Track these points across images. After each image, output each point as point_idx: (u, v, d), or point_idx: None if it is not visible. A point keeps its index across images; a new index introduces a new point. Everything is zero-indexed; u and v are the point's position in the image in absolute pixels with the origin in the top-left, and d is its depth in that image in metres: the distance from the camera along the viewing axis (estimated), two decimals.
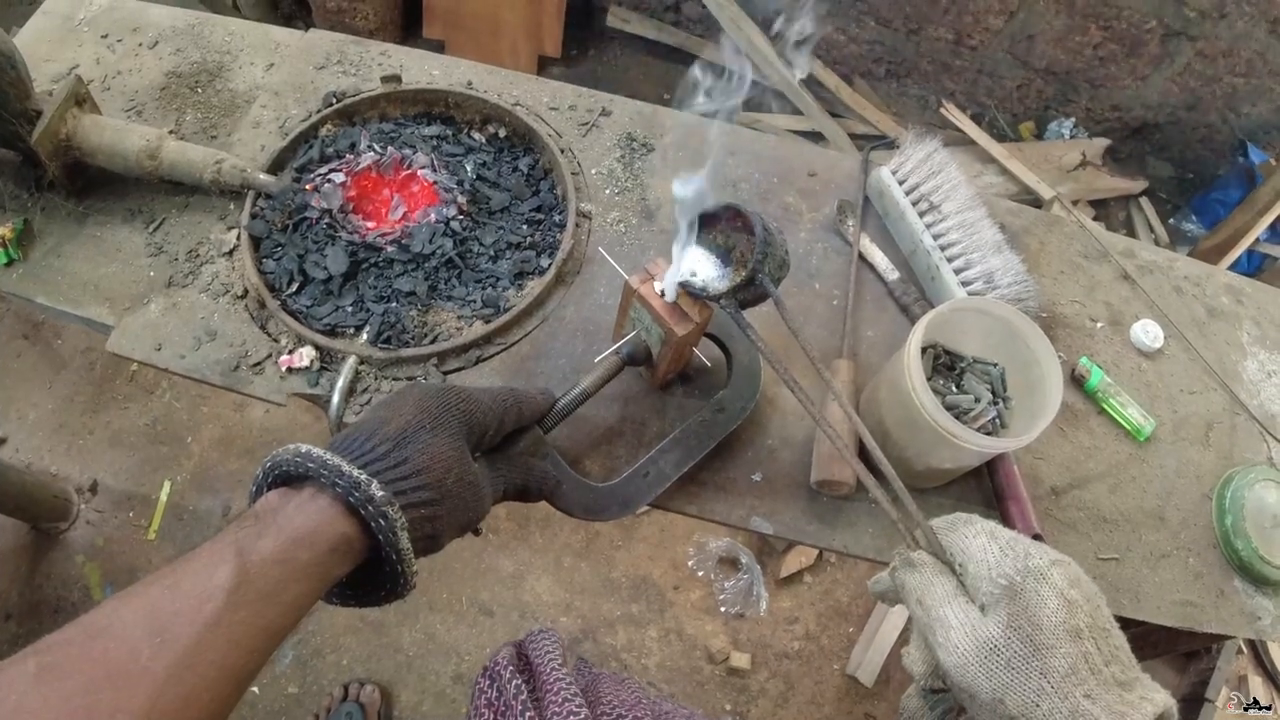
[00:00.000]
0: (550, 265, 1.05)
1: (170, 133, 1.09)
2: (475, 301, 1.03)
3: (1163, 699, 0.51)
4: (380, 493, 0.59)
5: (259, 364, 1.00)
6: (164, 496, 1.94)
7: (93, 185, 1.11)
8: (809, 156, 1.21)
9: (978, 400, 0.91)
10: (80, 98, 1.06)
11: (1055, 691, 0.51)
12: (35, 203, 1.10)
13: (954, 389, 0.93)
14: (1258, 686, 2.06)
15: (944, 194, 1.11)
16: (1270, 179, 2.13)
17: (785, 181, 1.18)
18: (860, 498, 0.96)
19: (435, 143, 1.15)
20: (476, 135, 1.18)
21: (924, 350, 0.94)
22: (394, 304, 1.01)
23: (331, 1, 2.36)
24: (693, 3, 2.50)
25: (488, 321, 1.01)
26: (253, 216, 1.07)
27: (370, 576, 0.63)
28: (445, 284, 1.04)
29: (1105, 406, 1.07)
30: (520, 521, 1.98)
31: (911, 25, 2.43)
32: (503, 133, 1.19)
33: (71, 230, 1.09)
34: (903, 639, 1.85)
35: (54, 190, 1.10)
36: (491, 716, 0.86)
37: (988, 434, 0.89)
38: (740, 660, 1.85)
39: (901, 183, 1.13)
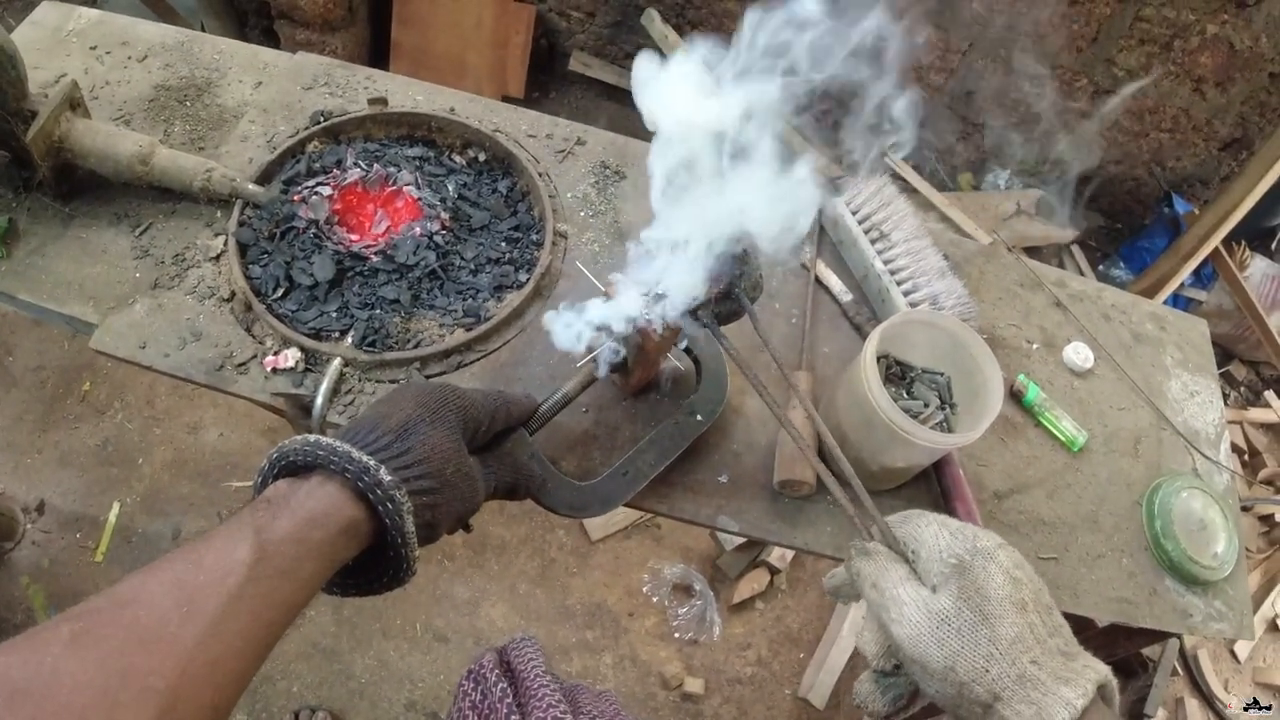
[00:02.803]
0: (529, 279, 1.12)
1: (159, 142, 1.14)
2: (456, 311, 1.09)
3: (1103, 669, 0.55)
4: (389, 477, 0.62)
5: (244, 364, 1.04)
6: (113, 518, 1.92)
7: (80, 188, 1.14)
8: (777, 190, 1.31)
9: (926, 405, 1.00)
10: (75, 101, 1.10)
11: (1003, 657, 0.55)
12: (21, 203, 1.13)
13: (905, 395, 1.02)
14: (1195, 710, 2.17)
15: (893, 224, 1.21)
16: (1194, 228, 2.32)
17: (747, 212, 1.27)
18: (819, 499, 1.03)
19: (418, 163, 1.22)
20: (457, 158, 1.25)
21: (877, 360, 1.03)
22: (378, 310, 1.07)
23: (300, 34, 2.43)
24: (654, 51, 2.62)
25: (469, 329, 1.07)
26: (240, 224, 1.12)
27: (370, 565, 0.66)
28: (428, 294, 1.10)
29: (1041, 419, 1.17)
30: (476, 549, 2.01)
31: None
32: (482, 156, 1.26)
33: (56, 231, 1.12)
34: (854, 663, 1.92)
35: (41, 191, 1.13)
36: (475, 718, 0.89)
37: None
38: (694, 686, 1.89)
39: (854, 213, 1.23)
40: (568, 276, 1.15)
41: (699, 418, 0.99)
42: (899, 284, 1.17)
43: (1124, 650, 1.29)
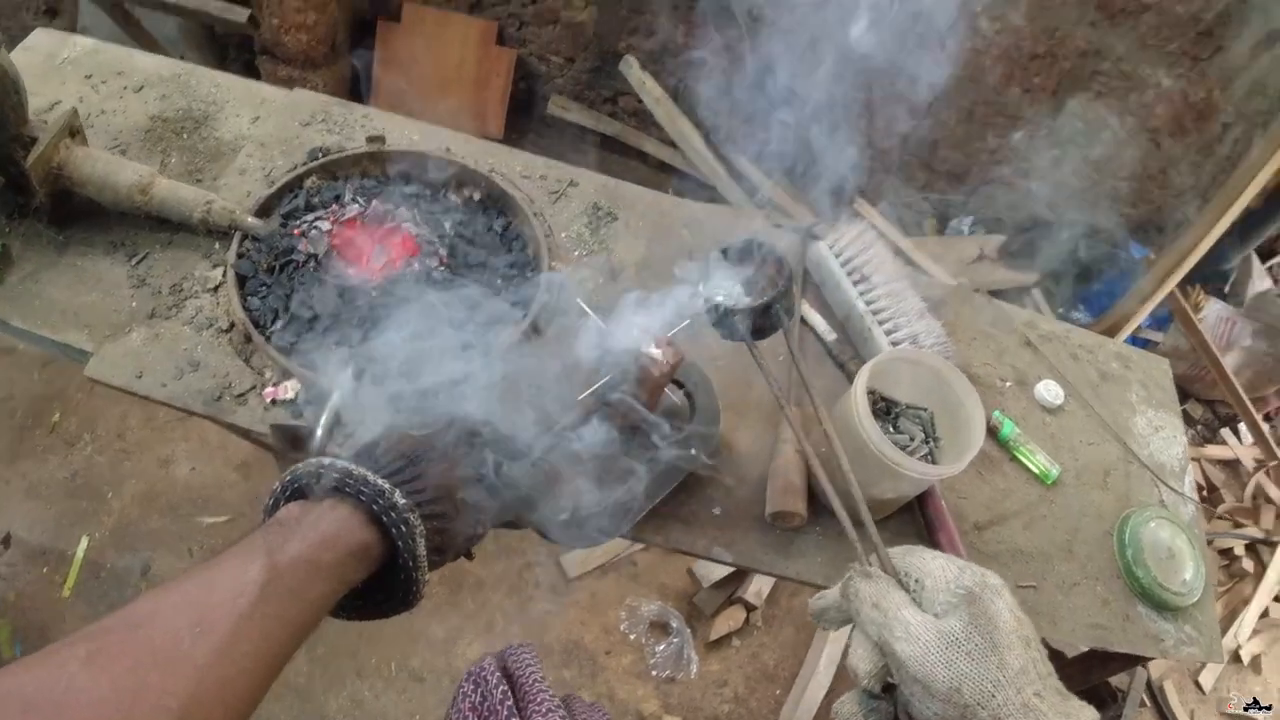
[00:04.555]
0: (525, 315, 1.15)
1: (158, 172, 1.16)
2: (456, 350, 1.11)
3: (1095, 713, 0.56)
4: (403, 500, 0.64)
5: (243, 395, 1.06)
6: (80, 553, 1.88)
7: (76, 216, 1.15)
8: (754, 230, 1.36)
9: (912, 439, 1.04)
10: (74, 129, 1.12)
11: (1010, 685, 0.55)
12: (14, 229, 1.14)
13: (891, 429, 1.06)
14: None
15: (873, 266, 1.27)
16: (1151, 272, 2.42)
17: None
18: (810, 530, 1.07)
19: (414, 201, 1.25)
20: (453, 196, 1.29)
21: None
22: (378, 341, 1.09)
23: (282, 70, 2.46)
24: (630, 96, 2.70)
25: (473, 365, 1.10)
26: (239, 256, 1.14)
27: (377, 588, 0.67)
28: (428, 329, 1.12)
29: (1016, 454, 1.22)
30: (452, 587, 2.00)
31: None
32: (477, 195, 1.30)
33: (51, 258, 1.13)
34: (830, 698, 1.94)
35: (35, 217, 1.14)
36: (475, 719, 0.90)
37: None
38: None
39: (837, 256, 1.29)
40: (563, 313, 1.18)
41: (694, 452, 1.02)
42: (881, 324, 1.22)
43: (1097, 677, 1.34)
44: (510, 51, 2.66)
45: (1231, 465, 2.81)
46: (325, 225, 1.18)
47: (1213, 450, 2.80)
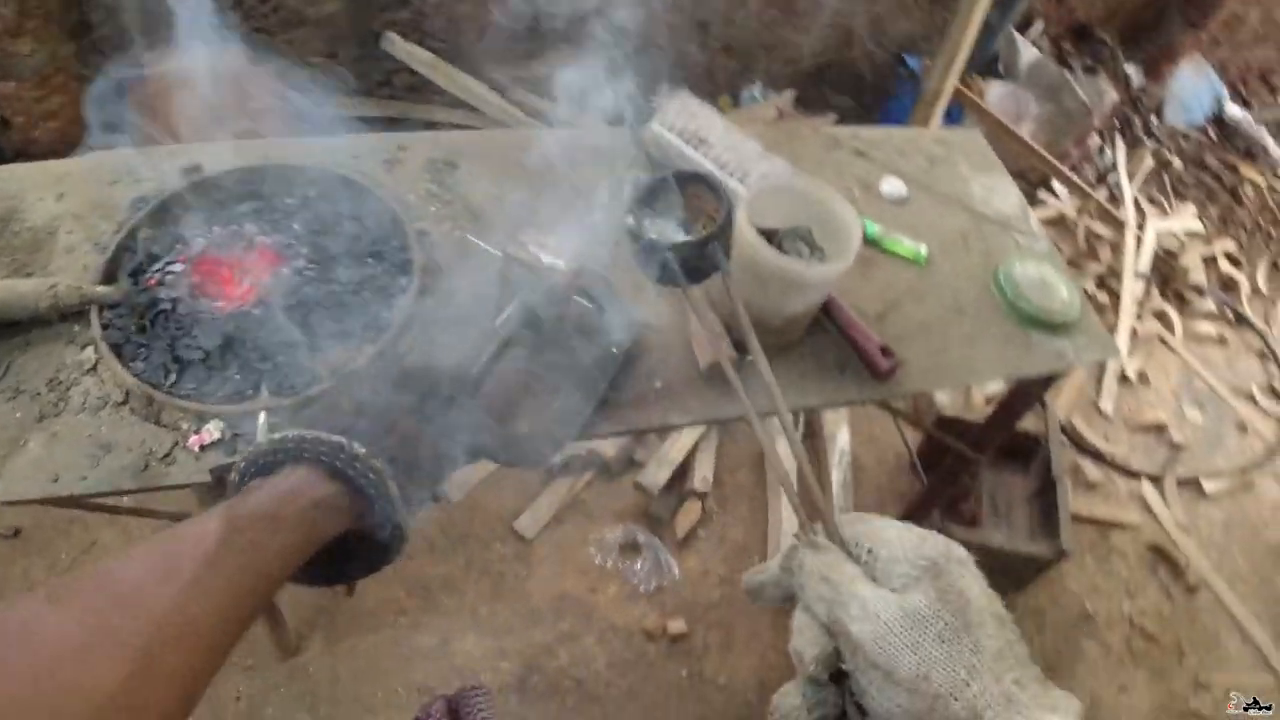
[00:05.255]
0: (411, 278, 1.19)
1: None
2: (355, 332, 1.15)
3: (1079, 704, 0.51)
4: (361, 449, 0.66)
5: (168, 455, 1.06)
6: None
7: None
8: (588, 139, 1.44)
9: (800, 255, 1.16)
10: None
11: (987, 671, 0.49)
12: None
13: (780, 252, 1.18)
14: (1089, 467, 2.53)
15: (707, 129, 1.38)
16: (932, 77, 2.66)
17: (580, 159, 1.39)
18: (745, 370, 1.17)
19: (256, 215, 1.25)
20: (290, 200, 1.30)
21: None
22: (280, 357, 1.11)
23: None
24: (404, 73, 2.69)
25: (374, 342, 1.13)
26: (105, 327, 1.12)
27: (361, 552, 0.70)
28: (320, 325, 1.15)
29: (886, 247, 1.37)
30: (423, 596, 2.03)
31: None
32: (313, 192, 1.31)
33: None
34: None
35: None
36: None
37: None
38: (677, 626, 2.01)
39: (672, 130, 1.38)
40: (448, 266, 1.23)
41: (615, 347, 1.10)
42: (731, 175, 1.33)
43: (1020, 410, 1.52)
44: (268, 74, 2.58)
45: (1058, 222, 3.14)
46: (178, 267, 1.18)
47: (1039, 213, 3.12)
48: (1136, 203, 3.21)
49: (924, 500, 1.86)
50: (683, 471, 2.22)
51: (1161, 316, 3.00)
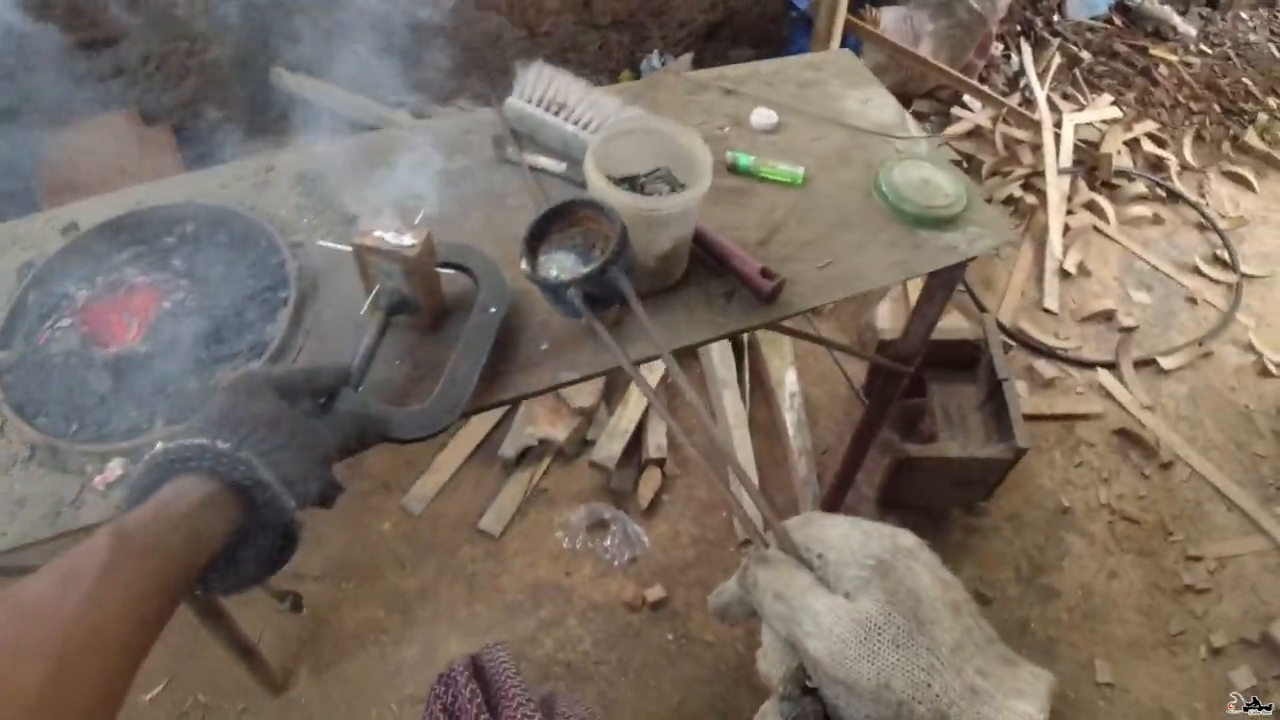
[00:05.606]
0: (290, 291, 1.23)
1: None
2: (243, 352, 1.19)
3: (1049, 675, 0.52)
4: (225, 445, 0.71)
5: (77, 498, 1.09)
6: None
7: None
8: (459, 126, 1.48)
9: (662, 194, 1.20)
10: None
11: (946, 668, 0.49)
12: None
13: (643, 195, 1.22)
14: (1044, 367, 2.56)
15: (564, 94, 1.42)
16: (820, 14, 2.70)
17: (448, 149, 1.43)
18: (631, 318, 1.21)
19: (136, 260, 1.29)
20: (169, 239, 1.34)
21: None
22: (170, 387, 1.15)
23: None
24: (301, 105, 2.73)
25: (261, 356, 1.17)
26: (5, 390, 1.16)
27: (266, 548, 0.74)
28: (209, 350, 1.19)
29: (762, 175, 1.41)
30: (401, 610, 2.06)
31: (489, 39, 2.81)
32: (190, 227, 1.35)
33: None
34: (764, 476, 2.14)
35: None
36: (446, 719, 0.96)
37: None
38: (655, 593, 2.06)
39: (531, 100, 1.42)
40: (325, 272, 1.26)
41: (493, 310, 1.14)
42: (595, 133, 1.37)
43: (940, 304, 1.55)
44: (163, 130, 2.63)
45: (975, 134, 3.19)
46: (67, 322, 1.21)
47: (955, 129, 3.16)
48: (1050, 101, 3.26)
49: (865, 423, 1.90)
50: (637, 442, 2.26)
51: (1093, 207, 3.05)
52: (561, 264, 0.97)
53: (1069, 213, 2.97)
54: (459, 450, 2.26)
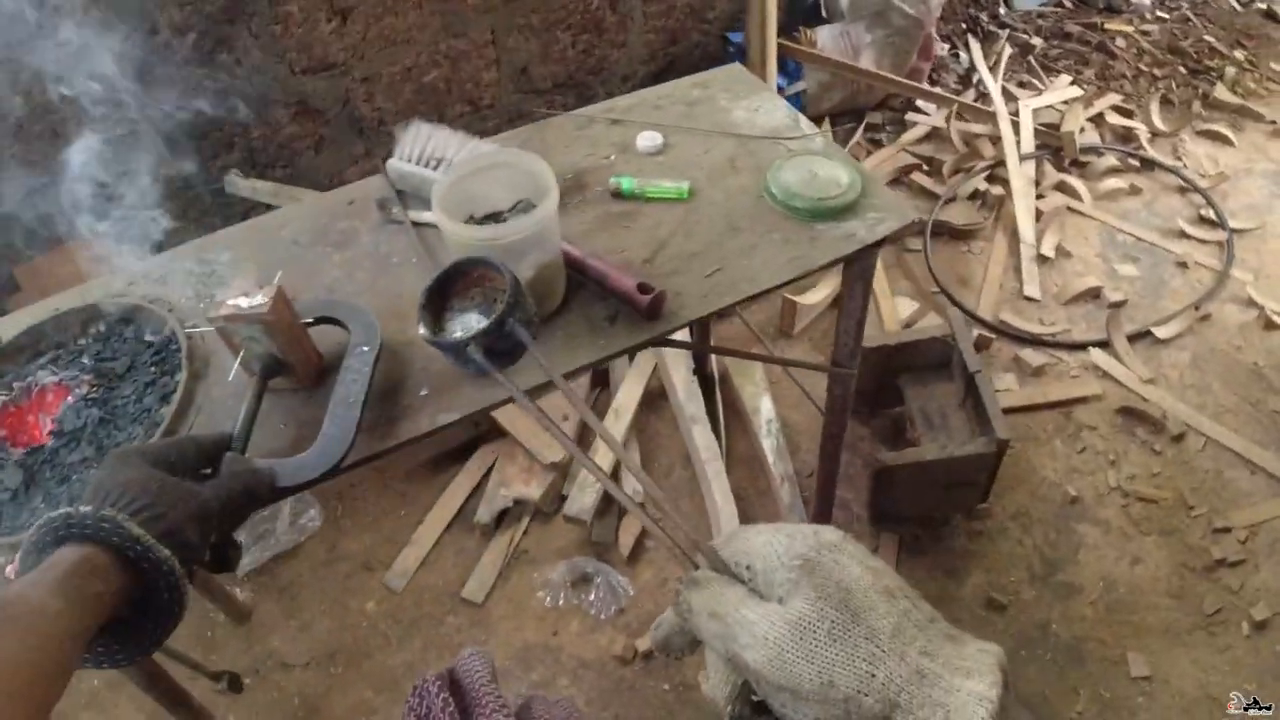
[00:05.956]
0: (180, 376, 1.28)
1: None
2: (139, 436, 1.23)
3: (996, 649, 0.51)
4: (87, 509, 0.75)
5: None
6: None
7: None
8: (343, 196, 1.53)
9: None
10: None
11: (888, 654, 0.49)
12: None
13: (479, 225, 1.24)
14: (1031, 355, 2.50)
15: (443, 148, 1.47)
16: (752, 43, 2.76)
17: (333, 218, 1.48)
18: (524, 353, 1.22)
19: (52, 365, 1.36)
20: (83, 340, 1.40)
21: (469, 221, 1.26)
22: (75, 477, 1.20)
23: None
24: (261, 207, 2.84)
25: (152, 437, 1.21)
26: None
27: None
28: (109, 438, 1.23)
29: (647, 195, 1.44)
30: (391, 690, 2.05)
31: (429, 116, 2.92)
32: (102, 326, 1.41)
33: None
34: (744, 507, 2.10)
35: None
36: None
37: None
38: (646, 644, 2.03)
39: (410, 159, 1.48)
40: (217, 352, 1.31)
41: (365, 349, 1.17)
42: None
43: (855, 308, 1.55)
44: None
45: (933, 136, 3.19)
46: None
47: (911, 134, 3.17)
48: (1006, 91, 3.26)
49: (826, 436, 1.88)
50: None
51: (1064, 187, 3.02)
52: (467, 324, 0.99)
53: (1039, 197, 2.95)
54: (437, 521, 2.28)
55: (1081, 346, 2.62)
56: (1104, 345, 2.62)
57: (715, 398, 2.44)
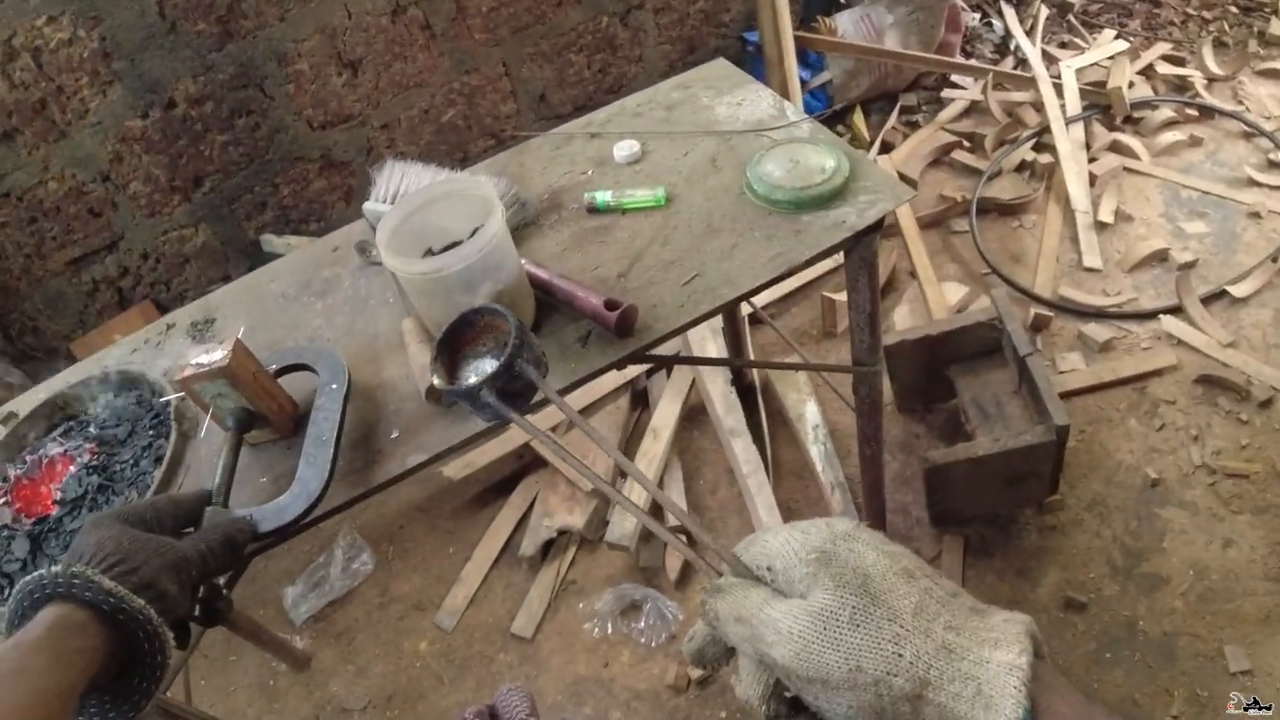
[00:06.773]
0: (170, 436, 1.31)
1: None
2: (132, 498, 1.27)
3: (1024, 617, 0.51)
4: (57, 568, 0.77)
5: None
6: None
7: None
8: (328, 244, 1.56)
9: None
10: None
11: (913, 632, 0.49)
12: None
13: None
14: (1095, 329, 2.35)
15: (418, 184, 1.48)
16: (768, 40, 2.72)
17: (318, 266, 1.51)
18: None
19: (65, 436, 1.42)
20: (92, 410, 1.46)
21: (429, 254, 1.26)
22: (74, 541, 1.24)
23: None
24: None
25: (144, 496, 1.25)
26: None
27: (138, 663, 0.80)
28: (108, 503, 1.28)
29: (623, 206, 1.42)
30: None
31: (453, 154, 2.97)
32: (111, 395, 1.47)
33: None
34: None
35: None
36: None
37: None
38: (699, 671, 1.97)
39: (386, 199, 1.49)
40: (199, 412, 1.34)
41: (335, 386, 1.18)
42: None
43: (866, 302, 1.48)
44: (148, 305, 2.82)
45: (973, 110, 3.07)
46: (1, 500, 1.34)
47: (948, 112, 3.06)
48: (1048, 54, 3.11)
49: (861, 438, 1.81)
50: (658, 513, 2.22)
51: (1118, 147, 2.86)
52: (481, 371, 0.99)
53: (1092, 160, 2.79)
54: (484, 558, 2.28)
55: (1151, 315, 2.46)
56: (1176, 311, 2.45)
57: (757, 408, 2.38)
